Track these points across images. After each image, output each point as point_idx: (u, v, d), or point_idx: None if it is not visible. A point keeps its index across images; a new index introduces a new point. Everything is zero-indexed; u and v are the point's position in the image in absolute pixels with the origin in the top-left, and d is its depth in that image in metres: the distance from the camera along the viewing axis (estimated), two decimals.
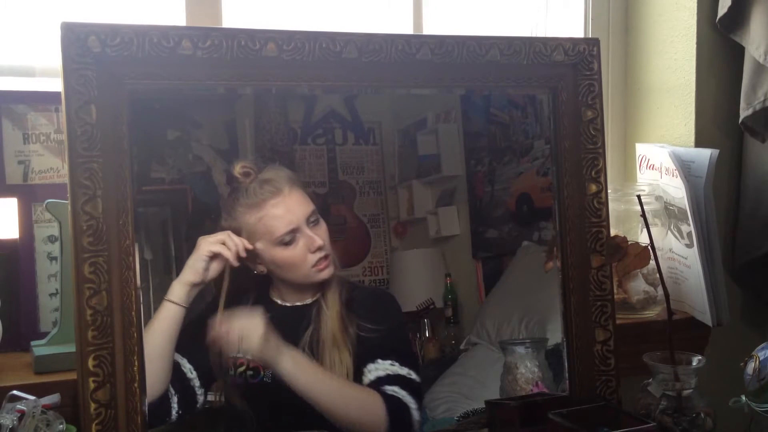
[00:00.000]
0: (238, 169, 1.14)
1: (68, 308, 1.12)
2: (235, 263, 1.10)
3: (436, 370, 1.28)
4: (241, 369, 1.14)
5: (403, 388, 1.14)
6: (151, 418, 1.04)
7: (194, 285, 1.08)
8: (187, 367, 1.10)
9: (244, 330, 1.10)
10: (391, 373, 1.14)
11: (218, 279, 1.11)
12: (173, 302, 1.07)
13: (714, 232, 1.41)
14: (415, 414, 1.14)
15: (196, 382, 1.11)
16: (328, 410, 1.10)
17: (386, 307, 1.24)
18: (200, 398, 1.12)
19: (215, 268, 1.10)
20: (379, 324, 1.17)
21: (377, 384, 1.14)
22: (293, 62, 1.08)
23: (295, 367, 1.11)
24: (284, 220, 1.13)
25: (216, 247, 1.09)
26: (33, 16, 1.33)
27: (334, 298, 1.16)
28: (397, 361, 1.15)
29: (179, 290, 1.08)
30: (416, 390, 1.16)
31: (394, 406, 1.12)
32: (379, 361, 1.15)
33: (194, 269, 1.08)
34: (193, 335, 1.10)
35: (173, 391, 1.08)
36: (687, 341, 1.27)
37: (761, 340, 1.23)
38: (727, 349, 1.38)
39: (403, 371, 1.15)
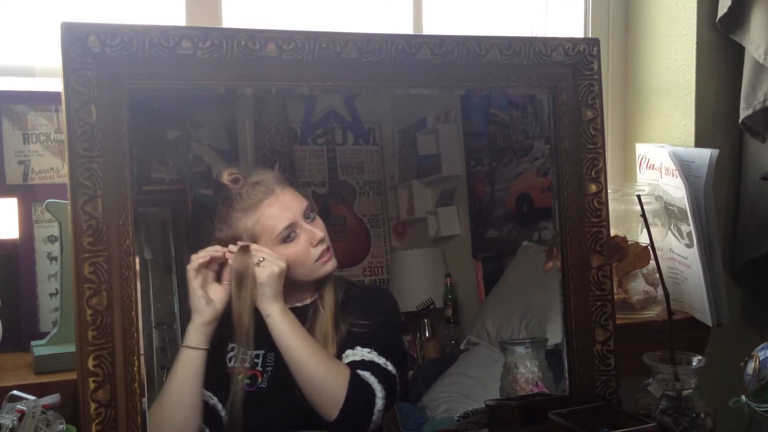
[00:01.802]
0: (226, 177, 1.14)
1: (68, 308, 1.12)
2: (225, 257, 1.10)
3: (436, 370, 1.28)
4: (239, 377, 1.13)
5: (374, 374, 1.13)
6: None
7: (207, 324, 1.08)
8: (206, 394, 1.10)
9: (270, 257, 1.11)
10: (366, 359, 1.14)
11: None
12: (192, 347, 1.07)
13: (714, 232, 1.41)
14: (379, 403, 1.12)
15: (219, 406, 1.11)
16: (299, 366, 1.10)
17: (379, 304, 1.24)
18: (225, 418, 1.11)
19: (218, 296, 1.10)
20: (369, 319, 1.17)
21: (351, 367, 1.13)
22: (293, 62, 1.08)
23: (282, 316, 1.11)
24: (281, 217, 1.13)
25: (196, 262, 1.09)
26: (33, 16, 1.33)
27: (330, 297, 1.17)
28: (376, 351, 1.15)
29: (194, 335, 1.08)
30: (388, 381, 1.14)
31: (357, 385, 1.11)
32: (358, 348, 1.14)
33: (197, 309, 1.08)
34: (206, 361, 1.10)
35: (205, 427, 1.09)
36: (687, 341, 1.27)
37: (761, 340, 1.23)
38: (727, 349, 1.38)
39: (380, 360, 1.14)
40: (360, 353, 1.14)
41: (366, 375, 1.12)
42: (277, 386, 1.13)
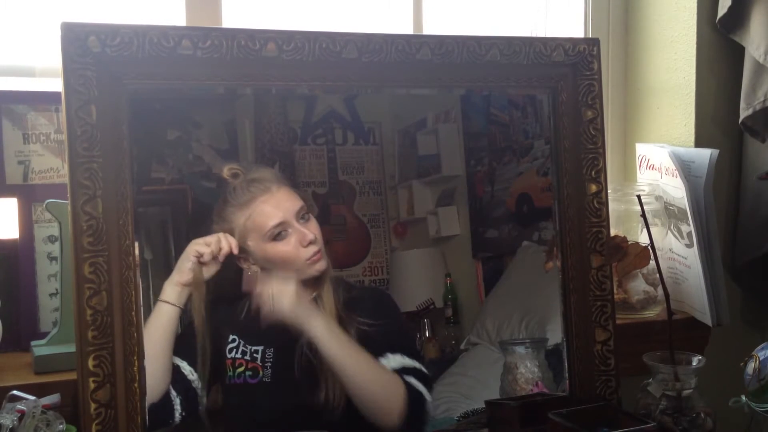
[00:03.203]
0: (226, 172, 1.14)
1: (68, 308, 1.12)
2: (221, 259, 1.10)
3: (436, 370, 1.28)
4: (240, 370, 1.14)
5: (419, 379, 1.15)
6: (154, 419, 1.04)
7: (183, 285, 1.08)
8: (187, 369, 1.10)
9: (276, 290, 1.10)
10: (406, 365, 1.15)
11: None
12: (166, 302, 1.08)
13: (714, 232, 1.41)
14: (430, 408, 1.15)
15: (198, 384, 1.11)
16: (352, 381, 1.10)
17: (385, 304, 1.24)
18: (203, 400, 1.12)
19: (208, 269, 1.10)
20: (377, 319, 1.17)
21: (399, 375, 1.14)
22: (293, 62, 1.08)
23: (327, 331, 1.11)
24: (273, 215, 1.13)
25: (202, 247, 1.09)
26: (33, 16, 1.33)
27: (329, 297, 1.16)
28: (406, 356, 1.16)
29: (170, 290, 1.08)
30: (428, 383, 1.17)
31: (413, 395, 1.13)
32: (389, 355, 1.15)
33: (180, 270, 1.09)
34: (190, 338, 1.11)
35: (175, 393, 1.08)
36: (687, 341, 1.27)
37: (761, 340, 1.23)
38: (727, 349, 1.38)
39: (416, 364, 1.16)
40: (396, 360, 1.15)
41: (414, 382, 1.14)
42: (279, 381, 1.13)
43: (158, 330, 1.07)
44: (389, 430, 1.11)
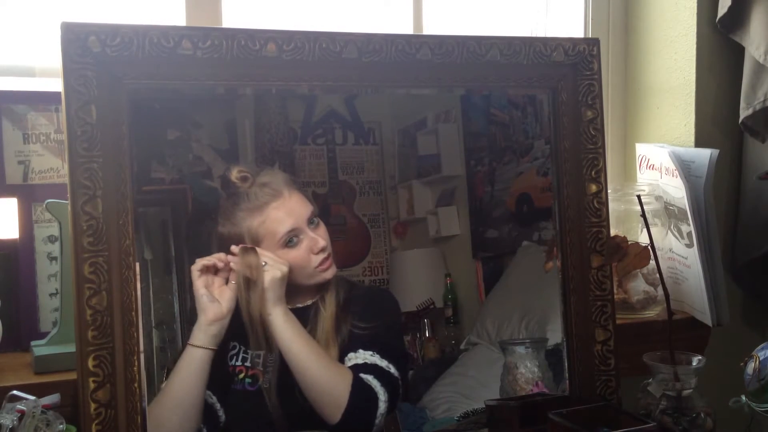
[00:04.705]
0: (235, 174, 1.14)
1: (68, 308, 1.12)
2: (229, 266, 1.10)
3: (436, 370, 1.28)
4: (240, 376, 1.14)
5: (377, 378, 1.13)
6: None
7: (210, 322, 1.08)
8: (206, 393, 1.10)
9: (271, 260, 1.11)
10: (368, 362, 1.14)
11: None
12: (195, 346, 1.07)
13: (714, 232, 1.41)
14: (382, 406, 1.12)
15: (217, 405, 1.11)
16: (302, 371, 1.10)
17: (381, 305, 1.24)
18: (222, 417, 1.12)
19: (226, 297, 1.10)
20: (370, 321, 1.17)
21: (354, 370, 1.13)
22: (293, 62, 1.08)
23: (284, 319, 1.11)
24: (285, 221, 1.13)
25: (200, 264, 1.09)
26: (33, 16, 1.33)
27: (331, 299, 1.17)
28: (378, 353, 1.15)
29: (198, 334, 1.08)
30: (392, 384, 1.14)
31: (360, 389, 1.11)
32: (361, 351, 1.15)
33: (201, 307, 1.09)
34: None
35: (203, 427, 1.09)
36: (687, 341, 1.27)
37: (761, 340, 1.23)
38: (727, 349, 1.38)
39: (382, 363, 1.14)
40: (362, 356, 1.14)
41: (368, 378, 1.12)
42: (278, 387, 1.13)
43: (192, 375, 1.07)
44: (337, 425, 1.09)
